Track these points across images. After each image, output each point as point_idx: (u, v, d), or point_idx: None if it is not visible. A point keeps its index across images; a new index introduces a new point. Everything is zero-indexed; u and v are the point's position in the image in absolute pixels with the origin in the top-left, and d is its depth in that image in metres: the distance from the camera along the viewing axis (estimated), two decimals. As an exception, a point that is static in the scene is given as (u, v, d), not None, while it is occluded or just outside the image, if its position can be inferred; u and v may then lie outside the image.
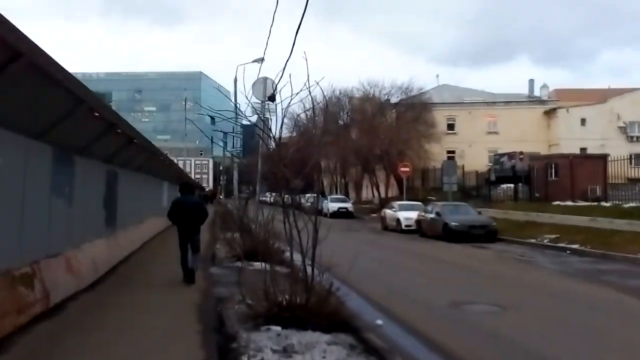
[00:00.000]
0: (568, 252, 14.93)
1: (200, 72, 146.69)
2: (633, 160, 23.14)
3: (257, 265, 9.69)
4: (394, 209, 23.33)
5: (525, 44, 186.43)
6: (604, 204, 21.90)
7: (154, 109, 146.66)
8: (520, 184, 31.90)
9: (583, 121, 50.24)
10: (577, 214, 19.86)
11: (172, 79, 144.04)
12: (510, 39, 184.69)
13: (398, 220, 22.36)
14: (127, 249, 11.80)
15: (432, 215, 19.19)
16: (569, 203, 24.32)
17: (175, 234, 9.66)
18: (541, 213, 21.14)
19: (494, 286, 9.84)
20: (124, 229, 11.84)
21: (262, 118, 13.24)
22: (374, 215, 34.58)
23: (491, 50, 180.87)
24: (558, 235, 16.46)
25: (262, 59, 27.66)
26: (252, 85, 12.98)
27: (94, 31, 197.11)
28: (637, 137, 49.98)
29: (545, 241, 16.51)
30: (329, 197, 38.22)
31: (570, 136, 48.48)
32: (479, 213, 19.34)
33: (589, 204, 23.18)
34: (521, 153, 32.83)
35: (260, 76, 13.23)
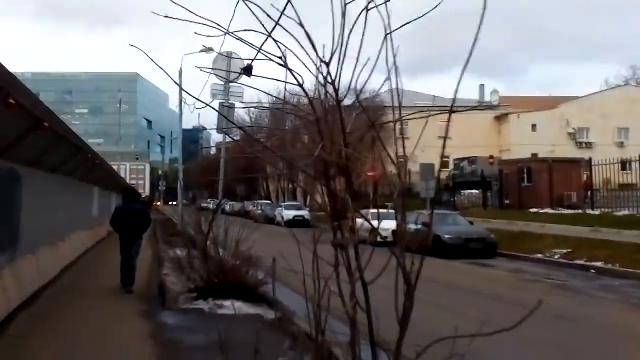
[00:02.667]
0: (592, 271, 12.64)
1: (137, 74, 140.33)
2: (618, 166, 21.41)
3: (228, 305, 6.83)
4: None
5: (457, 60, 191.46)
6: (590, 211, 20.09)
7: (85, 111, 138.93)
8: (489, 191, 30.16)
9: (534, 127, 49.92)
10: (568, 223, 17.88)
11: (106, 81, 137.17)
12: (443, 54, 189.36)
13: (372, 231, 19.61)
14: (36, 283, 8.19)
15: (418, 227, 16.57)
16: (549, 211, 22.48)
17: (111, 249, 9.37)
18: (529, 222, 19.08)
19: (575, 337, 7.02)
20: (32, 254, 8.32)
21: (226, 104, 10.19)
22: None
23: (426, 64, 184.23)
24: (569, 250, 14.22)
25: (210, 48, 24.56)
26: (213, 63, 10.00)
27: (27, 32, 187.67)
28: (587, 143, 50.02)
29: (556, 257, 14.23)
30: (283, 205, 35.20)
31: (521, 142, 47.88)
32: (471, 224, 16.91)
33: (572, 212, 21.36)
34: (492, 157, 31.12)
35: (223, 52, 10.14)
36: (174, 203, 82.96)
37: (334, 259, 3.49)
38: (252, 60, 2.78)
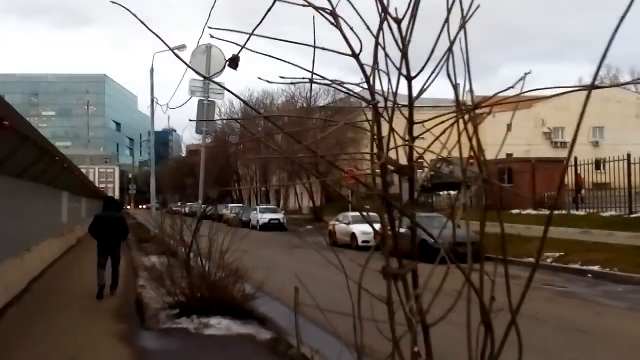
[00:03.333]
0: (589, 275, 12.21)
1: (105, 75, 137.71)
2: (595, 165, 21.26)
3: (215, 323, 6.16)
4: (346, 221, 19.96)
5: (425, 60, 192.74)
6: (575, 212, 19.88)
7: (52, 113, 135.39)
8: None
9: (509, 126, 49.86)
10: (554, 224, 17.43)
11: (73, 82, 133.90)
12: (417, 54, 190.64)
13: (353, 235, 19.06)
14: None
15: (403, 230, 16.04)
16: (531, 212, 22.24)
17: (82, 257, 9.99)
18: (513, 224, 18.67)
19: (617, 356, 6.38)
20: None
21: (206, 101, 9.47)
22: (309, 227, 31.20)
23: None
24: (562, 253, 13.82)
25: (183, 46, 23.70)
26: (192, 56, 9.23)
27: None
28: (562, 143, 50.45)
29: (548, 260, 13.82)
30: (257, 207, 34.39)
31: (496, 141, 46.63)
32: (459, 226, 16.36)
33: (556, 212, 21.08)
34: (470, 157, 30.83)
35: (199, 48, 9.39)
36: (144, 206, 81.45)
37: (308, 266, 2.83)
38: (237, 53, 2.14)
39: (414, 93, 2.15)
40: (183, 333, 5.95)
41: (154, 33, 1.94)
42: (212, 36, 1.89)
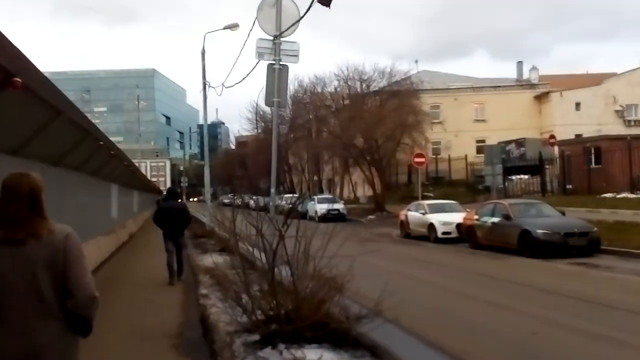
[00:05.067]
0: None
1: (154, 70, 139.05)
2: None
3: (315, 358, 4.30)
4: (422, 211, 17.83)
5: (480, 42, 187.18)
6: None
7: (104, 109, 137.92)
8: (538, 175, 27.24)
9: (577, 105, 46.51)
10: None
11: (123, 78, 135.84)
12: (465, 38, 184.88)
13: (431, 225, 16.89)
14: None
15: (496, 219, 13.79)
16: (628, 195, 19.58)
17: (136, 257, 10.81)
18: (616, 209, 16.26)
19: None
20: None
21: (278, 65, 7.61)
22: (371, 217, 29.23)
23: (448, 49, 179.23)
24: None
25: (236, 25, 22.04)
26: (258, 10, 7.44)
27: (44, 32, 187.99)
28: (636, 121, 46.49)
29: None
30: (315, 198, 32.63)
31: (564, 122, 44.53)
32: (563, 214, 14.07)
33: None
34: (552, 137, 28.11)
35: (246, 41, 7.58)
36: (196, 199, 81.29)
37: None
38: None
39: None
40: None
41: None
42: None
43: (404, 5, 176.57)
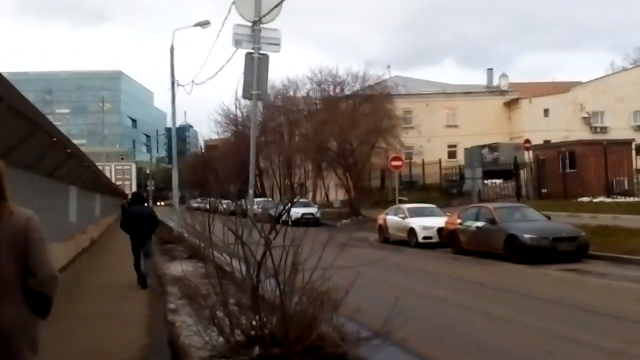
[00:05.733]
0: None
1: (120, 72, 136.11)
2: None
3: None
4: (401, 215, 17.18)
5: (448, 51, 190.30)
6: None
7: (67, 110, 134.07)
8: (510, 179, 27.05)
9: (546, 112, 47.10)
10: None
11: (88, 79, 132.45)
12: (434, 46, 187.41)
13: (412, 230, 16.24)
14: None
15: (480, 224, 13.22)
16: (605, 199, 19.40)
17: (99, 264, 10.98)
18: (596, 214, 15.98)
19: None
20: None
21: (258, 54, 6.83)
22: (346, 221, 28.56)
23: (418, 56, 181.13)
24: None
25: (207, 22, 21.12)
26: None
27: (9, 32, 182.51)
28: (601, 128, 47.29)
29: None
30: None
31: (533, 128, 44.92)
32: (548, 218, 13.59)
33: (633, 199, 18.31)
34: (527, 141, 27.96)
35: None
36: (163, 203, 79.39)
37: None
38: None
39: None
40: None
41: None
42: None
43: (374, 12, 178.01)
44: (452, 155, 45.88)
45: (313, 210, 28.14)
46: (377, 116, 37.17)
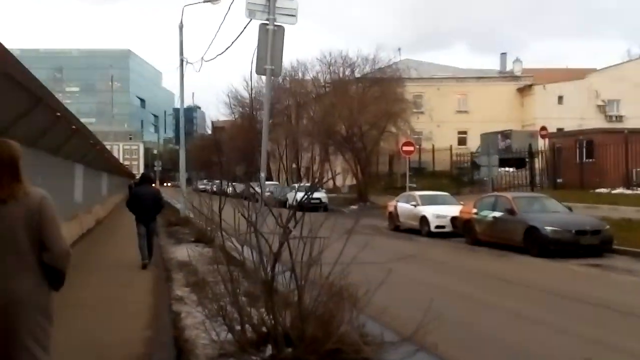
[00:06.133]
0: None
1: (129, 50, 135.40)
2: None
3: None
4: (413, 203, 16.71)
5: (459, 35, 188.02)
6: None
7: (77, 89, 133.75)
8: (523, 168, 26.46)
9: (560, 99, 46.08)
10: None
11: (97, 57, 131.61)
12: (445, 30, 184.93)
13: (424, 218, 15.76)
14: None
15: (498, 214, 12.72)
16: (624, 191, 18.85)
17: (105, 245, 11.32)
18: (616, 206, 15.47)
19: None
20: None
21: (272, 26, 6.35)
22: (354, 207, 28.14)
23: (428, 40, 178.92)
24: None
25: (217, -3, 20.58)
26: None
27: (18, 8, 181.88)
28: (617, 117, 46.29)
29: None
30: (296, 186, 31.39)
31: (546, 115, 43.95)
32: (570, 209, 13.06)
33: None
34: (544, 129, 27.27)
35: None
36: (170, 184, 79.22)
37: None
38: None
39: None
40: None
41: None
42: None
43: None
44: (462, 141, 45.17)
45: (321, 195, 27.69)
46: (388, 100, 36.54)
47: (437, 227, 15.43)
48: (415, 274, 9.22)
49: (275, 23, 6.43)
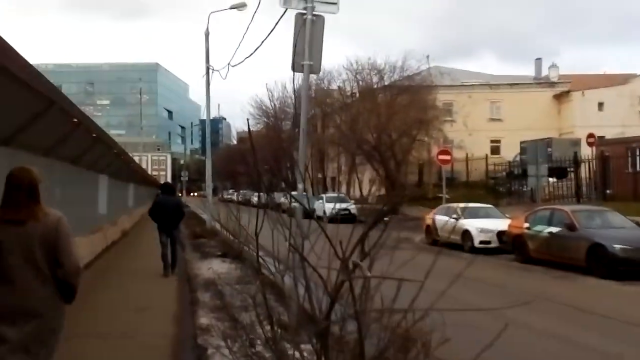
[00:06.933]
0: None
1: (157, 64, 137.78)
2: None
3: None
4: (454, 216, 15.59)
5: (487, 43, 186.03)
6: None
7: (107, 102, 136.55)
8: (564, 178, 25.10)
9: (600, 105, 44.22)
10: None
11: (127, 71, 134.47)
12: (473, 38, 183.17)
13: (466, 232, 14.64)
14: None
15: (555, 229, 11.48)
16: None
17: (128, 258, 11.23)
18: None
19: None
20: None
21: (311, 15, 5.52)
22: (384, 219, 27.00)
23: (457, 49, 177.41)
24: None
25: (243, 4, 20.03)
26: None
27: (53, 26, 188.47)
28: (661, 124, 44.12)
29: None
30: (323, 196, 30.51)
31: (585, 123, 42.12)
32: (638, 225, 11.77)
33: None
34: (591, 135, 25.84)
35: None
36: (196, 194, 79.25)
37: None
38: None
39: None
40: None
41: None
42: None
43: (411, 2, 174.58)
44: (495, 150, 43.80)
45: (349, 206, 26.72)
46: (417, 107, 35.52)
47: (481, 242, 14.25)
48: (464, 296, 8.14)
49: (314, 12, 5.60)
